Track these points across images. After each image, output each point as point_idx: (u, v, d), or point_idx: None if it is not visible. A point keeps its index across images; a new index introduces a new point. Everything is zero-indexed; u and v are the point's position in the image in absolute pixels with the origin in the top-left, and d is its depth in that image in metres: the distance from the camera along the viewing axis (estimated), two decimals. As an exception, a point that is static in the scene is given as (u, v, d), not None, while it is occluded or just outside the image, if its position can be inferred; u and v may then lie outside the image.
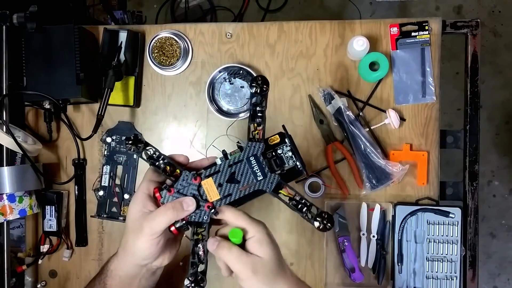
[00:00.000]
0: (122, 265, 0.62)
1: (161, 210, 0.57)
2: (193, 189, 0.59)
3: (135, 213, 0.58)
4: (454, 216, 0.86)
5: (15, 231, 0.99)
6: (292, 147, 0.62)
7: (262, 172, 0.60)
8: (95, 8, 1.69)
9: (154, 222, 0.56)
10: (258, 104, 0.61)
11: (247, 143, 0.60)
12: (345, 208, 0.89)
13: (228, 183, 0.60)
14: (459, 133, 0.91)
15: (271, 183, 0.60)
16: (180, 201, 0.58)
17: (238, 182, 0.60)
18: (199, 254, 0.60)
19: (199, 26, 0.93)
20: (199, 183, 0.59)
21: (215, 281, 0.92)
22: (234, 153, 0.61)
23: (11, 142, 0.81)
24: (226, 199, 0.60)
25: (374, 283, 0.89)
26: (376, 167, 0.86)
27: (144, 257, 0.59)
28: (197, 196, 0.59)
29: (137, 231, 0.58)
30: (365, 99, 0.89)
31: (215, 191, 0.60)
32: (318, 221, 0.59)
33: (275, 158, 0.61)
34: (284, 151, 0.62)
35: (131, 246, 0.59)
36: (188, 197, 0.59)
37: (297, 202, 0.60)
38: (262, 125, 0.60)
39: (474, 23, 0.89)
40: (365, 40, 0.83)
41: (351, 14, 1.97)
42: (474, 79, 0.90)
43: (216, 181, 0.60)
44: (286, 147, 0.62)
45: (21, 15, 0.81)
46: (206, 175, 0.59)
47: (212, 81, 0.90)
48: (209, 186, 0.59)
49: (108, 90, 0.85)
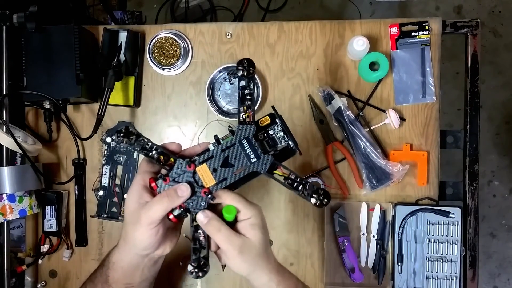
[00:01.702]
0: (124, 256, 0.62)
1: (157, 199, 0.57)
2: (188, 176, 0.59)
3: (132, 205, 0.58)
4: (454, 216, 0.86)
5: (15, 231, 0.99)
6: (283, 127, 0.62)
7: (255, 154, 0.60)
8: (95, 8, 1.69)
9: (151, 211, 0.57)
10: (246, 87, 0.61)
11: (238, 127, 0.60)
12: (345, 208, 0.89)
13: (223, 167, 0.60)
14: (459, 133, 0.91)
15: (265, 164, 0.60)
16: (175, 188, 0.58)
17: (232, 166, 0.60)
18: (200, 239, 0.61)
19: (199, 26, 0.93)
20: (193, 170, 0.59)
21: (215, 281, 0.92)
22: (226, 137, 0.61)
23: (11, 142, 0.81)
24: (221, 183, 0.60)
25: (374, 283, 0.89)
26: (376, 167, 0.86)
27: (145, 247, 0.59)
28: (192, 183, 0.59)
29: (135, 222, 0.58)
30: (365, 99, 0.89)
31: (210, 176, 0.60)
32: (314, 197, 0.59)
33: (267, 139, 0.62)
34: (275, 132, 0.62)
35: (131, 238, 0.59)
36: (182, 183, 0.59)
37: (292, 180, 0.60)
38: (251, 108, 0.61)
39: (474, 23, 0.89)
40: (365, 40, 0.83)
41: (351, 14, 1.97)
42: (474, 79, 0.90)
43: (210, 166, 0.60)
44: (277, 127, 0.62)
45: (21, 15, 0.81)
46: (200, 161, 0.60)
47: (212, 81, 0.90)
48: (204, 172, 0.60)
49: (108, 90, 0.85)
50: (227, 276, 0.91)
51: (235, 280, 0.92)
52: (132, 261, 0.62)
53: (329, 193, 0.60)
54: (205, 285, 0.92)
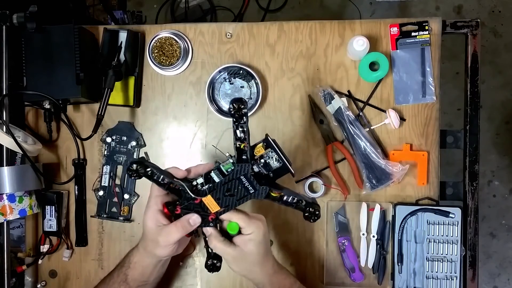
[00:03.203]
0: (145, 259, 0.74)
1: (173, 228, 0.69)
2: (197, 205, 0.70)
3: (151, 225, 0.70)
4: (454, 216, 0.86)
5: (15, 231, 0.99)
6: (278, 152, 0.69)
7: (252, 187, 0.69)
8: (95, 8, 1.69)
9: (168, 237, 0.69)
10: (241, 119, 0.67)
11: (237, 165, 0.68)
12: (345, 208, 0.89)
13: (225, 196, 0.69)
14: (459, 133, 0.91)
15: (262, 194, 0.69)
16: (187, 219, 0.69)
17: (233, 195, 0.69)
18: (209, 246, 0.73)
19: (199, 26, 0.93)
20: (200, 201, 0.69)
21: (215, 281, 0.92)
22: (226, 165, 0.69)
23: (11, 142, 0.81)
24: (226, 208, 0.70)
25: (374, 283, 0.89)
26: (376, 167, 0.86)
27: (164, 256, 0.73)
28: (200, 211, 0.70)
29: (155, 242, 0.70)
30: (365, 99, 0.89)
31: (215, 204, 0.69)
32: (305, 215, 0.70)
33: (263, 164, 0.70)
34: (270, 156, 0.70)
35: (152, 250, 0.72)
36: (195, 214, 0.70)
37: (285, 201, 0.70)
38: (246, 139, 0.68)
39: (474, 23, 0.89)
40: (365, 40, 0.83)
41: (351, 14, 1.97)
42: (474, 79, 0.90)
43: (214, 196, 0.69)
44: (271, 152, 0.70)
45: (21, 15, 0.81)
46: (205, 193, 0.69)
47: (212, 81, 0.90)
48: (209, 201, 0.69)
49: (108, 90, 0.85)
50: (227, 276, 0.91)
51: (235, 280, 0.92)
52: (151, 263, 0.74)
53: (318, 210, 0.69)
54: (205, 285, 0.92)
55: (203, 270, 0.92)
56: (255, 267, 0.72)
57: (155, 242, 0.70)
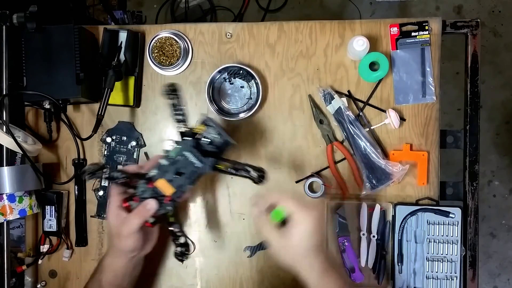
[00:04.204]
0: (116, 260, 0.74)
1: (132, 215, 0.71)
2: (151, 191, 0.72)
3: (113, 221, 0.72)
4: (454, 216, 0.86)
5: (15, 231, 0.99)
6: (217, 127, 0.74)
7: (198, 160, 0.72)
8: (95, 8, 1.69)
9: (129, 225, 0.70)
10: (177, 104, 0.74)
11: (179, 142, 0.73)
12: (345, 208, 0.89)
13: (176, 176, 0.72)
14: (459, 133, 0.91)
15: (209, 166, 0.73)
16: (144, 205, 0.72)
17: (184, 173, 0.72)
18: (175, 232, 0.76)
19: (199, 26, 0.93)
20: (153, 186, 0.72)
21: (215, 281, 0.92)
22: (172, 150, 0.73)
23: (11, 142, 0.81)
24: (179, 189, 0.73)
25: (374, 283, 0.89)
26: (376, 167, 0.86)
27: (131, 250, 0.73)
28: (156, 196, 0.72)
29: (119, 235, 0.72)
30: (365, 99, 0.89)
31: (168, 187, 0.72)
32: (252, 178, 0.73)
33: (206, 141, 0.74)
34: (210, 133, 0.74)
35: (118, 246, 0.73)
36: (150, 199, 0.72)
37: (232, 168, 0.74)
38: (184, 120, 0.74)
39: (474, 23, 0.89)
40: (365, 40, 0.83)
41: (351, 14, 1.97)
42: (474, 79, 0.90)
43: (166, 178, 0.72)
44: (211, 128, 0.74)
45: (21, 15, 0.81)
46: (156, 178, 0.72)
47: (212, 81, 0.90)
48: (162, 185, 0.72)
49: (108, 90, 0.85)
50: (227, 276, 0.91)
51: (235, 280, 0.92)
52: (123, 264, 0.74)
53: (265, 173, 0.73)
54: (205, 285, 0.92)
55: (203, 270, 0.92)
56: (303, 260, 0.67)
57: (119, 235, 0.71)
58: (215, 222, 0.92)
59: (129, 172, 0.74)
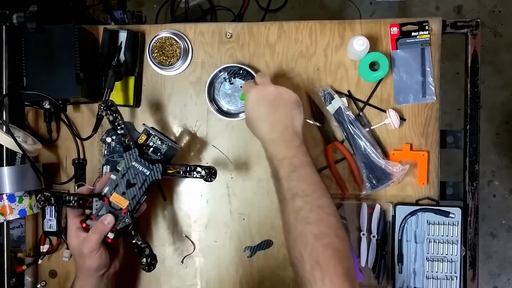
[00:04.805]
0: (86, 282, 0.75)
1: (91, 233, 0.73)
2: (107, 207, 0.75)
3: (74, 243, 0.74)
4: (454, 216, 0.86)
5: (15, 231, 0.99)
6: (159, 135, 0.77)
7: (146, 168, 0.75)
8: (95, 8, 1.69)
9: (89, 243, 0.72)
10: (115, 120, 0.76)
11: (124, 154, 0.76)
12: (345, 208, 0.89)
13: (128, 188, 0.75)
14: (459, 133, 0.91)
15: (158, 172, 0.76)
16: (101, 220, 0.73)
17: (135, 184, 0.75)
18: (138, 244, 0.76)
19: (199, 26, 0.93)
20: (108, 201, 0.75)
21: (215, 281, 0.92)
22: (121, 163, 0.76)
23: (11, 142, 0.81)
24: (133, 200, 0.75)
25: (374, 283, 0.89)
26: (376, 167, 0.86)
27: (97, 268, 0.74)
28: (112, 211, 0.75)
29: (81, 255, 0.73)
30: (365, 99, 0.89)
31: (122, 199, 0.75)
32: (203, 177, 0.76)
33: (152, 150, 0.78)
34: (154, 141, 0.78)
35: (83, 267, 0.74)
36: (106, 214, 0.74)
37: (183, 172, 0.76)
38: (127, 134, 0.76)
39: (474, 23, 0.89)
40: (365, 40, 0.83)
41: (351, 14, 1.97)
42: (474, 79, 0.90)
43: (119, 192, 0.75)
44: (154, 137, 0.78)
45: (21, 15, 0.81)
46: (110, 192, 0.75)
47: (212, 81, 0.90)
48: (116, 199, 0.75)
49: (108, 90, 0.84)
50: (227, 276, 0.91)
51: (235, 280, 0.92)
52: (93, 284, 0.75)
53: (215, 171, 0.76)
54: (205, 285, 0.92)
55: (203, 270, 0.92)
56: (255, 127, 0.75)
57: (82, 255, 0.72)
58: (215, 222, 0.92)
59: (82, 194, 0.76)
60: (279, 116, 0.74)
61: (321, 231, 0.64)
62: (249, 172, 0.91)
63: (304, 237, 0.64)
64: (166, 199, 0.92)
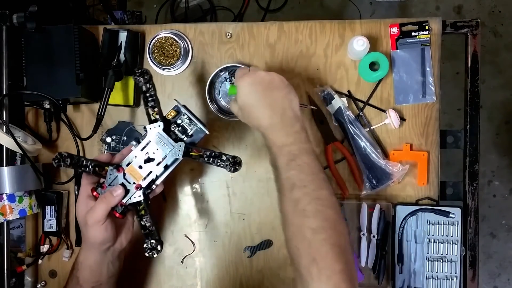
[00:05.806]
0: (88, 254, 0.72)
1: (97, 202, 0.69)
2: (121, 178, 0.71)
3: (81, 212, 0.70)
4: (454, 216, 0.86)
5: (15, 231, 0.99)
6: (189, 114, 0.73)
7: (168, 145, 0.71)
8: (95, 8, 1.69)
9: (95, 212, 0.68)
10: (147, 90, 0.72)
11: (148, 126, 0.72)
12: (345, 208, 0.89)
13: (146, 163, 0.71)
14: (459, 133, 0.91)
15: (180, 151, 0.71)
16: (110, 191, 0.70)
17: (153, 160, 0.71)
18: (146, 226, 0.72)
19: (199, 26, 0.93)
20: (122, 172, 0.71)
21: (215, 281, 0.92)
22: (143, 135, 0.72)
23: (11, 142, 0.81)
24: (149, 176, 0.71)
25: (374, 283, 0.89)
26: (376, 167, 0.86)
27: (101, 242, 0.70)
28: (125, 183, 0.71)
29: (86, 225, 0.69)
30: (365, 99, 0.89)
31: (138, 173, 0.71)
32: (228, 166, 0.72)
33: (179, 128, 0.73)
34: (183, 120, 0.74)
35: (87, 238, 0.70)
36: (116, 185, 0.70)
37: (207, 157, 0.72)
38: (156, 107, 0.72)
39: (474, 23, 0.89)
40: (365, 40, 0.83)
41: (351, 14, 1.97)
42: (474, 79, 0.90)
43: (135, 165, 0.71)
44: (183, 116, 0.74)
45: (21, 15, 0.81)
46: (127, 164, 0.71)
47: (212, 81, 0.90)
48: (131, 172, 0.71)
49: (108, 90, 0.84)
50: (227, 276, 0.91)
51: (235, 280, 0.92)
52: (97, 258, 0.72)
53: (240, 161, 0.72)
54: (205, 285, 0.92)
55: (203, 270, 0.92)
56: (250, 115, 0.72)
57: (86, 224, 0.69)
58: (215, 222, 0.92)
59: (99, 161, 0.72)
60: (276, 99, 0.70)
61: (318, 226, 0.62)
62: (249, 172, 0.91)
63: (301, 231, 0.63)
64: (166, 199, 0.92)
